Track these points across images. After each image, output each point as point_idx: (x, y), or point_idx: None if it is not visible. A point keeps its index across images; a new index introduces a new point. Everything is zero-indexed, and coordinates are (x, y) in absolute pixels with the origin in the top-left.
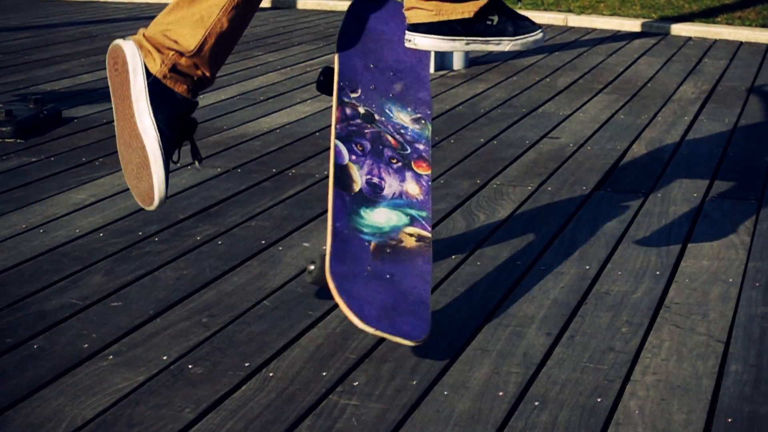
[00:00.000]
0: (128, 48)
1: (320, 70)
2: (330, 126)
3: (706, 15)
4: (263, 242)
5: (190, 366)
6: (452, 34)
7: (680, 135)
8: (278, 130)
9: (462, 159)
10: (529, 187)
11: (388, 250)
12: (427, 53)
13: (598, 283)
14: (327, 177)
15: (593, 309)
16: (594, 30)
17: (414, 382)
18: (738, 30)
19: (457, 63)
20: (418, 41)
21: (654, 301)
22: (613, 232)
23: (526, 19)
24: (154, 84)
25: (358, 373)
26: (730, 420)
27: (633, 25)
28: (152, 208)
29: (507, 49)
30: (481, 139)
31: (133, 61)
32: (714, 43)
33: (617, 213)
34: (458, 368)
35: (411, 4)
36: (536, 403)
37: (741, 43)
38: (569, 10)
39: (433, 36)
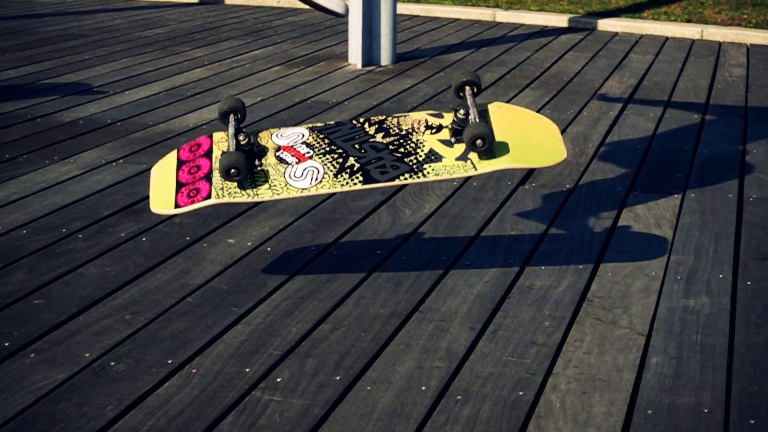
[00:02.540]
0: None
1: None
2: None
3: (633, 10)
4: (188, 239)
5: (112, 363)
6: None
7: (605, 130)
8: (204, 126)
9: None
10: (455, 183)
11: None
12: None
13: (522, 278)
14: None
15: (517, 303)
16: (521, 25)
17: (337, 378)
18: (664, 25)
19: (385, 58)
20: None
21: (577, 294)
22: (538, 227)
23: None
24: None
25: (281, 369)
26: (650, 412)
27: (560, 20)
28: None
29: None
30: None
31: None
32: (640, 38)
33: (542, 207)
34: (381, 363)
35: None
36: (459, 398)
37: (667, 38)
38: (497, 6)
39: None
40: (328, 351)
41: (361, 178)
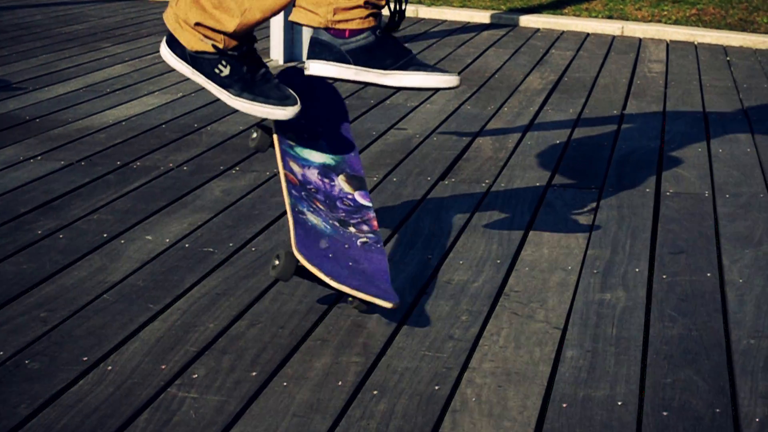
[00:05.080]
0: None
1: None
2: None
3: (554, 7)
4: (105, 235)
5: (27, 361)
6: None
7: (525, 125)
8: (124, 123)
9: None
10: (375, 178)
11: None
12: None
13: (440, 272)
14: (172, 169)
15: (434, 298)
16: (444, 21)
17: (254, 374)
18: (585, 21)
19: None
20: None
21: (494, 289)
22: (456, 222)
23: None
24: None
25: (197, 365)
26: (564, 405)
27: (482, 16)
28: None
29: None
30: None
31: None
32: (561, 35)
33: (461, 203)
34: (298, 359)
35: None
36: (375, 392)
37: (588, 34)
38: (420, 2)
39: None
40: (244, 347)
41: None
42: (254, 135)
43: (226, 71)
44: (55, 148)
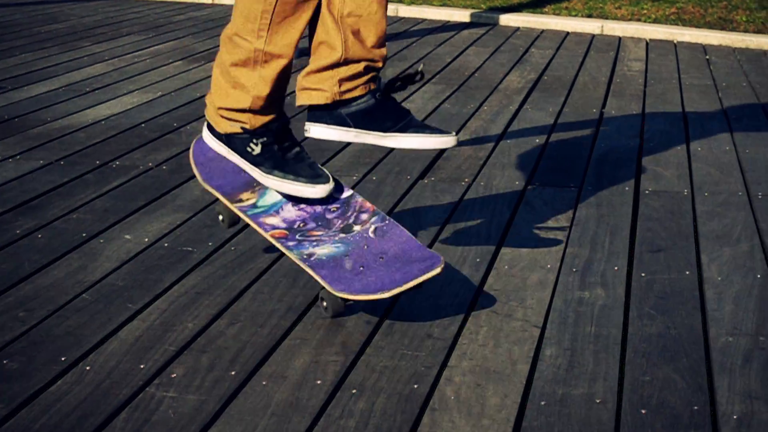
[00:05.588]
0: None
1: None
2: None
3: (534, 5)
4: (84, 235)
5: (5, 361)
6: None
7: (505, 124)
8: (103, 122)
9: None
10: (355, 177)
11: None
12: None
13: None
14: (151, 168)
15: (413, 297)
16: (424, 20)
17: (233, 373)
18: (565, 20)
19: None
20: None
21: (473, 287)
22: (436, 221)
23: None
24: None
25: (176, 365)
26: (543, 403)
27: (462, 15)
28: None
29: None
30: None
31: None
32: (541, 33)
33: (440, 201)
34: (277, 358)
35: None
36: (354, 391)
37: (567, 33)
38: (400, 1)
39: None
40: (224, 346)
41: None
42: (221, 217)
43: (257, 150)
44: (34, 148)
